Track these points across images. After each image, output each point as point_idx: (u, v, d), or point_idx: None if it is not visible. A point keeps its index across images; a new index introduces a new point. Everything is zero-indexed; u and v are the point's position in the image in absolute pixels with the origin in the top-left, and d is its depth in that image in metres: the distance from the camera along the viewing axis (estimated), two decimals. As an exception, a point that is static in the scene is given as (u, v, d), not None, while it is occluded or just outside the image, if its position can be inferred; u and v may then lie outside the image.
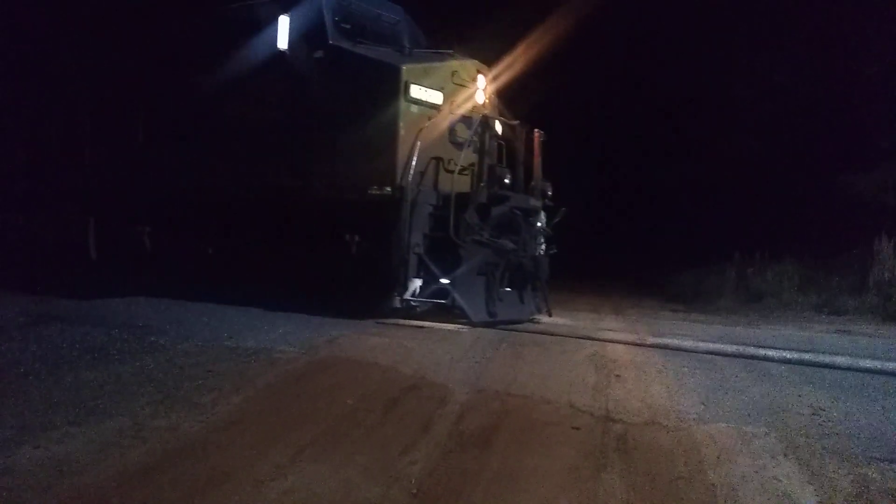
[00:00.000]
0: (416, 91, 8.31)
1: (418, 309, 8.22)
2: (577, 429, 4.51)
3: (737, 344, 7.38)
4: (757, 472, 3.96)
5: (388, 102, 8.22)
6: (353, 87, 8.42)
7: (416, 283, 8.09)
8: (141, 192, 10.28)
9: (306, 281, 8.50)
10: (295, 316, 7.93)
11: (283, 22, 8.66)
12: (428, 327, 7.76)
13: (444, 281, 7.97)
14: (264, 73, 8.98)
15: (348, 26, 8.78)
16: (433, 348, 6.57)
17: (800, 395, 5.34)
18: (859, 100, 17.11)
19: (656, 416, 4.75)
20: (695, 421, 4.69)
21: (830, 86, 17.66)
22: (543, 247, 9.21)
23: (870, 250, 12.49)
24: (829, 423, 4.73)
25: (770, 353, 6.91)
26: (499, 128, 9.20)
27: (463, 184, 8.55)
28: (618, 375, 5.82)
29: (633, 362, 6.33)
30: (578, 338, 7.49)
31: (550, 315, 8.97)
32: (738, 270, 15.07)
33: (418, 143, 8.15)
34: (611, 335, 7.76)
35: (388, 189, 8.10)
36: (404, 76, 8.19)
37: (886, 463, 4.18)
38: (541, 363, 6.20)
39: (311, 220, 8.47)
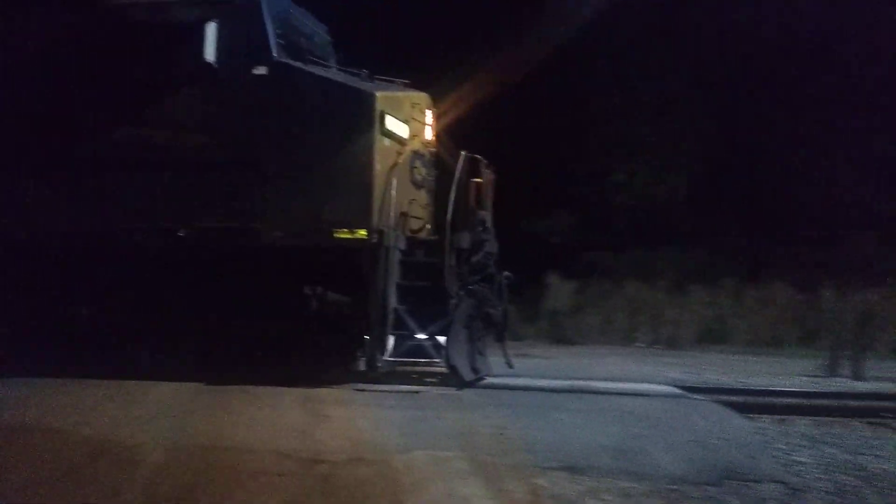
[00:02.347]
0: (390, 122, 7.30)
1: (382, 369, 7.14)
2: (282, 475, 4.48)
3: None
4: (449, 494, 4.30)
5: (360, 133, 7.10)
6: (311, 112, 7.20)
7: (391, 341, 7.07)
8: None
9: (243, 344, 7.32)
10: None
11: (210, 29, 7.17)
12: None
13: (422, 336, 7.07)
14: (181, 89, 7.43)
15: (284, 42, 7.47)
16: (126, 405, 6.04)
17: (486, 417, 5.90)
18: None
19: (360, 452, 4.91)
20: (395, 451, 4.94)
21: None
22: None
23: (542, 283, 14.34)
24: (510, 440, 5.31)
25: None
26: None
27: (416, 226, 7.81)
28: (325, 415, 5.89)
29: (340, 400, 6.46)
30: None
31: (511, 367, 7.80)
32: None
33: (394, 180, 7.19)
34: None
35: (363, 232, 6.97)
36: (379, 105, 7.15)
37: (556, 471, 4.80)
38: (247, 411, 6.03)
39: (252, 270, 7.21)
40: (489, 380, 7.52)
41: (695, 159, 20.51)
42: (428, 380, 7.55)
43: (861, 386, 10.11)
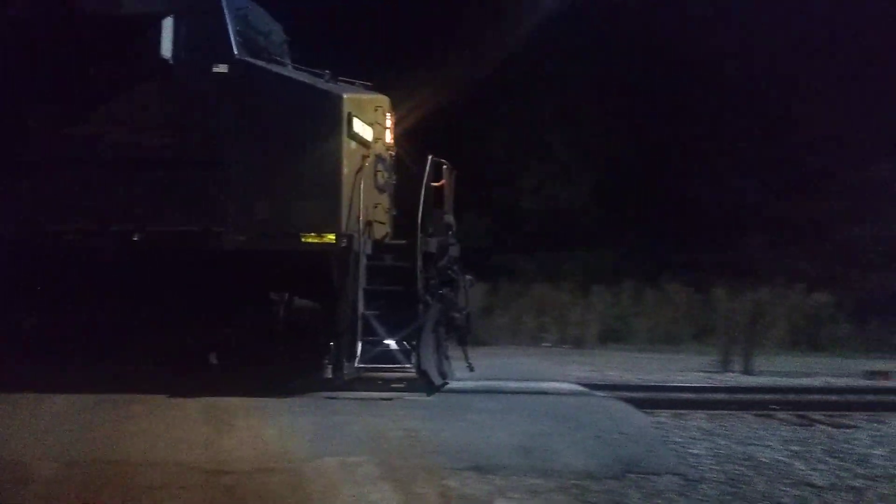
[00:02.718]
0: (357, 125, 7.08)
1: (349, 376, 6.98)
2: (185, 488, 4.33)
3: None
4: (359, 499, 4.28)
5: (327, 136, 6.88)
6: (275, 113, 6.94)
7: (359, 347, 6.87)
8: None
9: (203, 353, 6.98)
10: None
11: (167, 24, 6.81)
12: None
13: (390, 342, 6.91)
14: (136, 85, 6.97)
15: (243, 39, 7.15)
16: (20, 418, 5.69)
17: (397, 420, 5.91)
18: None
19: (267, 461, 4.81)
20: (304, 459, 4.87)
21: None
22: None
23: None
24: (420, 444, 5.34)
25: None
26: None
27: (380, 231, 7.61)
28: (231, 425, 5.74)
29: (247, 409, 6.31)
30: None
31: (472, 369, 7.69)
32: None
33: (361, 184, 6.99)
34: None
35: (332, 236, 6.73)
36: (346, 107, 6.94)
37: (466, 472, 4.87)
38: (148, 422, 5.80)
39: (215, 276, 6.82)
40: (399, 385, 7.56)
41: (599, 165, 21.24)
42: (394, 386, 7.50)
43: (751, 380, 10.74)
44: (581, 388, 8.06)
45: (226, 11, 6.99)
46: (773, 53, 20.65)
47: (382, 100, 7.78)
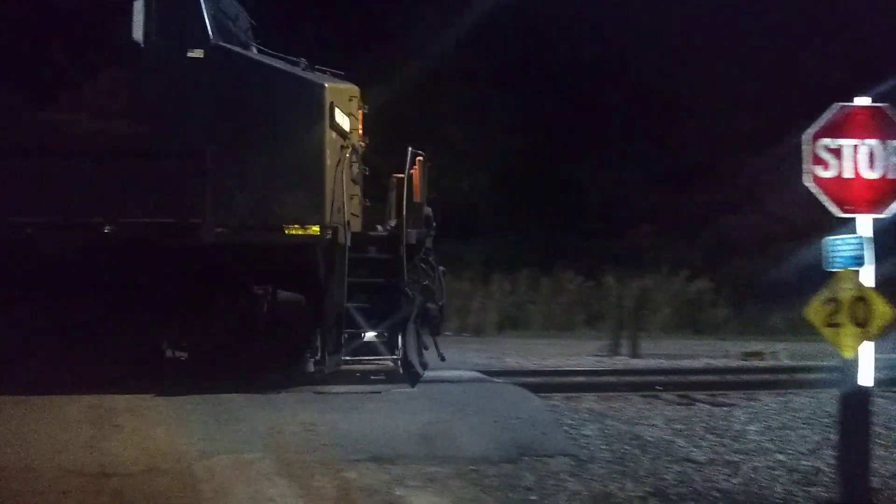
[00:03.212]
0: (338, 116, 6.83)
1: (329, 369, 6.75)
2: (67, 493, 4.10)
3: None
4: (253, 497, 4.18)
5: (311, 126, 6.66)
6: (254, 102, 6.67)
7: (343, 340, 6.73)
8: None
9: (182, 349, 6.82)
10: None
11: (138, 6, 6.41)
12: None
13: (372, 334, 6.83)
14: (105, 70, 6.51)
15: (216, 24, 6.75)
16: None
17: (294, 415, 5.81)
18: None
19: (156, 462, 4.62)
20: (195, 458, 4.71)
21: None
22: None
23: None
24: (318, 437, 5.28)
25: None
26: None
27: (355, 222, 7.35)
28: (116, 425, 5.47)
29: (133, 408, 6.02)
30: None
31: (444, 359, 7.62)
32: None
33: (343, 175, 6.78)
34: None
35: (316, 228, 6.54)
36: (329, 96, 6.72)
37: (365, 463, 4.86)
38: (28, 423, 5.43)
39: (193, 269, 6.56)
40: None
41: (498, 156, 21.64)
42: (374, 378, 7.50)
43: (638, 363, 11.29)
44: (481, 375, 8.21)
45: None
46: (662, 53, 21.65)
47: (356, 90, 7.56)
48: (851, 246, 3.89)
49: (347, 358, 6.85)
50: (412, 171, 7.35)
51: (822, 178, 3.85)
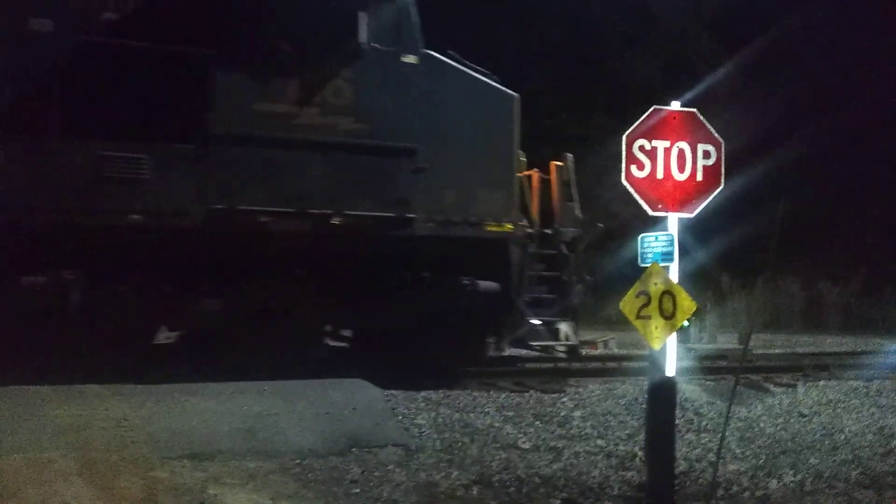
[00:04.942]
0: (518, 122, 7.68)
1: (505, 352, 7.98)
2: None
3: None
4: (44, 500, 3.79)
5: (505, 132, 7.56)
6: (460, 107, 7.40)
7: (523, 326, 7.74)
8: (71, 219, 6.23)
9: (376, 334, 7.40)
10: None
11: (363, 14, 6.89)
12: None
13: (538, 322, 7.75)
14: (329, 69, 6.97)
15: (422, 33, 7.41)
16: None
17: (107, 409, 5.36)
18: None
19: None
20: (-19, 459, 4.21)
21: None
22: None
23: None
24: (131, 433, 4.89)
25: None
26: None
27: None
28: None
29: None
30: None
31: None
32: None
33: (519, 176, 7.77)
34: None
35: (510, 226, 7.53)
36: (517, 107, 7.65)
37: (178, 461, 4.55)
38: None
39: (403, 259, 7.30)
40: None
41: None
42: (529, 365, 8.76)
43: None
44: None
45: (410, 8, 7.28)
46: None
47: (519, 99, 8.06)
48: (662, 243, 4.11)
49: (536, 343, 7.94)
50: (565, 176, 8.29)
51: (636, 177, 4.03)
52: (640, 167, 4.02)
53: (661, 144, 4.04)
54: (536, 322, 7.80)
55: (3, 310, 6.07)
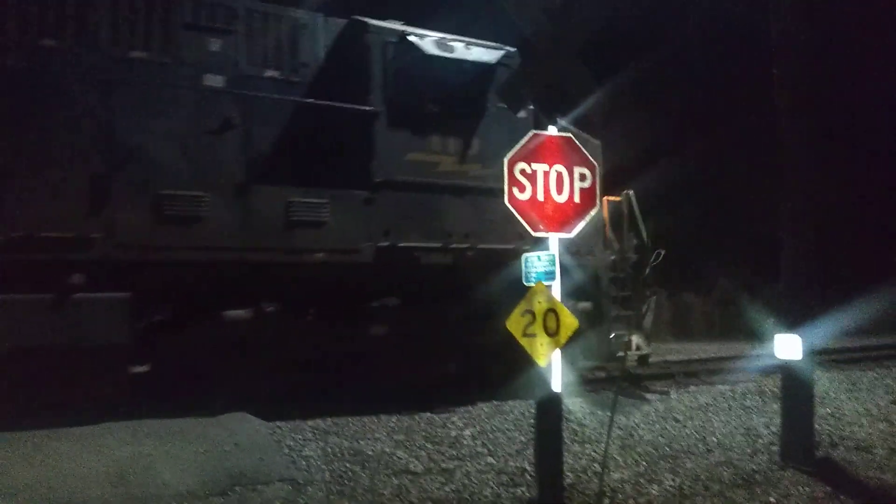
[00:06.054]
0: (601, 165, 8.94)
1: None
2: None
3: None
4: None
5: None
6: None
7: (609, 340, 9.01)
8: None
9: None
10: None
11: (490, 84, 8.09)
12: None
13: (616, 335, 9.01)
14: (463, 125, 8.19)
15: None
16: None
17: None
18: None
19: None
20: None
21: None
22: None
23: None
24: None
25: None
26: None
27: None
28: None
29: None
30: None
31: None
32: None
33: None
34: None
35: (598, 254, 9.06)
36: (600, 151, 8.86)
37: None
38: None
39: (514, 284, 8.15)
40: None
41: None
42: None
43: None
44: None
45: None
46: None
47: None
48: (545, 263, 4.22)
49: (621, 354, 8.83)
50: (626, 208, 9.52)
51: (518, 199, 4.13)
52: (522, 189, 4.11)
53: (540, 168, 4.15)
54: (616, 335, 9.08)
55: (205, 342, 6.73)
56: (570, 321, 4.10)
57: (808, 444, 5.76)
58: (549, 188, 4.19)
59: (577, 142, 4.36)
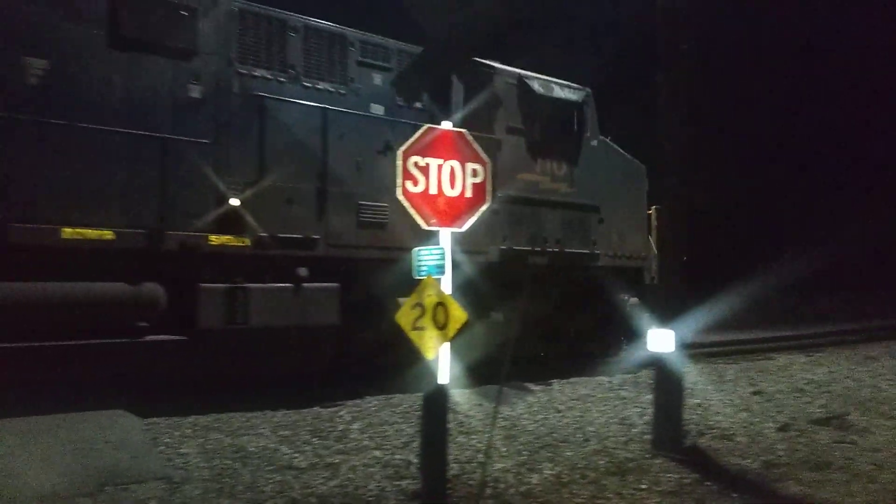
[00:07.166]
0: (646, 185, 11.42)
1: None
2: None
3: None
4: None
5: (642, 194, 11.27)
6: (618, 176, 10.92)
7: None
8: None
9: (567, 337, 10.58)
10: None
11: (576, 116, 10.36)
12: None
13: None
14: (557, 149, 10.10)
15: None
16: None
17: None
18: None
19: None
20: None
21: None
22: None
23: None
24: None
25: None
26: None
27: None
28: None
29: None
30: None
31: None
32: None
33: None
34: None
35: (640, 259, 11.18)
36: (645, 173, 11.35)
37: None
38: None
39: (590, 283, 10.54)
40: None
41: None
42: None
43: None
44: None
45: (593, 104, 10.67)
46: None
47: None
48: (435, 256, 4.23)
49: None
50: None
51: (411, 192, 4.11)
52: (415, 182, 4.10)
53: (434, 162, 4.15)
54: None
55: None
56: (458, 314, 4.13)
57: (677, 434, 6.10)
58: (442, 182, 4.20)
59: (469, 137, 4.39)
